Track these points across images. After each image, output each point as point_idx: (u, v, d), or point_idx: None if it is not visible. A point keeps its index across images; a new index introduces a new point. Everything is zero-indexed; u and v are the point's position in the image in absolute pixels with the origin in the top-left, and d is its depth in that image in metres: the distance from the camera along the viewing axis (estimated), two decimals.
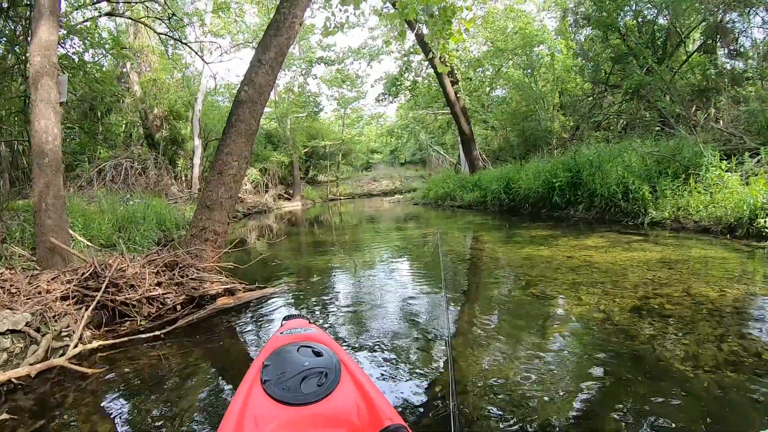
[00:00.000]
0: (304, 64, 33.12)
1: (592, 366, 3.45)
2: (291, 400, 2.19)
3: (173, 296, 5.17)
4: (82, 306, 4.69)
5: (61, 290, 4.70)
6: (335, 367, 2.43)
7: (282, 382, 2.30)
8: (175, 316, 5.03)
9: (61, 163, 5.60)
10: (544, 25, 25.20)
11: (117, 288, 4.92)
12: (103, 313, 4.82)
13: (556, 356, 3.66)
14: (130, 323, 4.89)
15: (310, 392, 2.23)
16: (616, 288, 5.32)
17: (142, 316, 4.86)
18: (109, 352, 4.30)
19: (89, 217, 9.58)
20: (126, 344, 4.42)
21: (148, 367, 3.98)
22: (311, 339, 2.82)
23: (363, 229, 15.72)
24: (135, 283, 5.03)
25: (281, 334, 2.96)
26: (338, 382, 2.32)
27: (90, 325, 4.64)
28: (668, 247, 7.47)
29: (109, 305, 4.84)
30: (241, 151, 6.61)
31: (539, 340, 4.05)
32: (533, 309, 4.93)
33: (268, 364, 2.47)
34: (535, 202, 14.17)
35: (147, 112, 22.40)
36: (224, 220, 6.56)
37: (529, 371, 3.40)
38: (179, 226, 13.25)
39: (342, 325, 4.91)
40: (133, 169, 19.21)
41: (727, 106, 14.05)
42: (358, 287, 6.65)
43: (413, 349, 4.10)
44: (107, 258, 5.36)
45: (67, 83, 7.01)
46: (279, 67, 6.93)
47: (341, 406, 2.18)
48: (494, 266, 7.39)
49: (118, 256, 5.42)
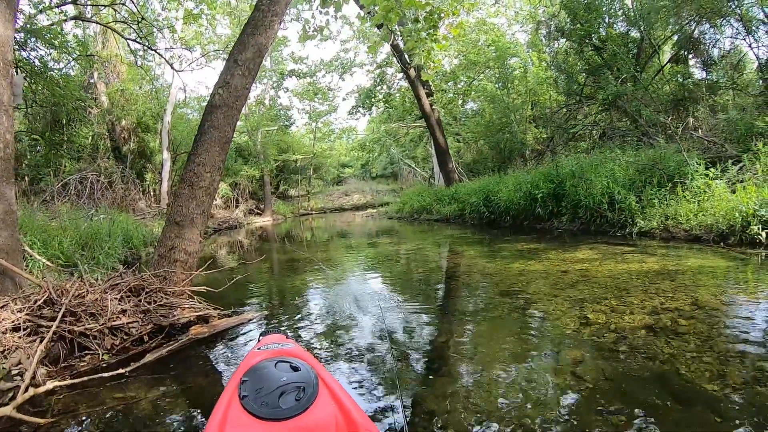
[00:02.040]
0: (275, 76, 32.64)
1: (618, 394, 3.12)
2: (269, 415, 2.17)
3: (139, 325, 4.58)
4: (35, 338, 4.10)
5: (11, 320, 4.10)
6: (313, 381, 2.42)
7: (260, 397, 2.28)
8: (142, 349, 4.45)
9: (13, 174, 5.00)
10: (516, 39, 25.30)
11: (75, 317, 4.34)
12: (61, 346, 4.22)
13: (575, 387, 3.28)
14: (91, 357, 4.27)
15: (288, 407, 2.21)
16: (622, 304, 5.04)
17: (104, 350, 4.26)
18: (66, 394, 3.72)
19: (50, 233, 8.91)
20: (86, 383, 3.83)
21: (111, 413, 3.40)
22: (288, 354, 2.82)
23: (338, 246, 15.21)
24: (96, 311, 4.45)
25: (258, 349, 2.94)
26: (316, 396, 2.31)
27: (45, 360, 4.05)
28: (663, 258, 7.35)
29: (67, 337, 4.24)
30: (215, 161, 5.97)
31: (552, 366, 3.67)
32: (539, 332, 4.56)
33: (246, 380, 2.45)
34: (517, 214, 13.96)
35: (114, 123, 21.78)
36: (196, 238, 5.89)
37: (546, 405, 3.05)
38: (147, 243, 12.72)
39: (322, 344, 4.69)
40: (99, 183, 18.52)
41: (704, 115, 14.04)
42: (338, 308, 6.15)
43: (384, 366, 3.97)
44: (64, 282, 4.76)
45: (23, 86, 6.42)
46: (257, 70, 6.34)
47: (320, 420, 2.17)
48: (487, 283, 6.94)
49: (76, 280, 4.82)
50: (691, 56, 16.53)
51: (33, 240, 8.05)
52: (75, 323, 4.30)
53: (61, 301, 4.32)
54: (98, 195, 18.01)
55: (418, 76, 20.54)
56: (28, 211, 11.22)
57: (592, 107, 18.63)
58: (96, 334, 4.32)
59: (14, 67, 6.16)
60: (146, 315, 4.73)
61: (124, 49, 21.80)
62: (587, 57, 17.91)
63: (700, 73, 16.21)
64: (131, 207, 19.32)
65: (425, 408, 3.19)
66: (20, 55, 11.61)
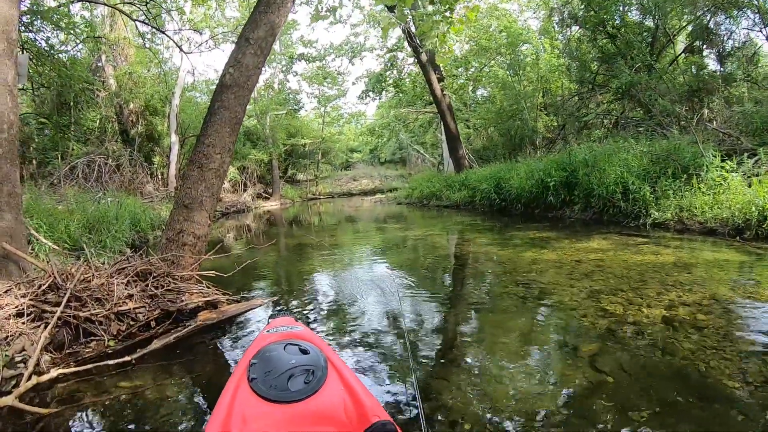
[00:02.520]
0: (284, 60, 32.37)
1: (637, 389, 3.06)
2: (278, 397, 2.19)
3: (146, 311, 4.45)
4: (40, 324, 3.98)
5: (14, 306, 3.98)
6: (322, 364, 2.44)
7: (269, 380, 2.30)
8: (149, 335, 4.32)
9: (18, 156, 4.87)
10: (528, 25, 25.01)
11: (80, 302, 4.21)
12: (65, 332, 4.10)
13: (593, 380, 3.21)
14: (96, 343, 4.14)
15: (297, 390, 2.23)
16: (638, 296, 4.93)
17: (110, 336, 4.14)
18: (71, 382, 3.61)
19: (57, 217, 8.80)
20: (91, 371, 3.72)
21: (116, 402, 3.30)
22: (298, 337, 2.82)
23: (347, 231, 15.10)
24: (102, 296, 4.32)
25: (267, 332, 2.96)
26: (325, 380, 2.33)
27: (50, 347, 3.94)
28: (678, 250, 7.23)
29: (72, 322, 4.11)
30: (225, 142, 5.80)
31: (570, 358, 3.61)
32: (555, 323, 4.47)
33: (255, 363, 2.46)
34: (528, 202, 13.80)
35: (122, 106, 21.61)
36: (205, 221, 5.74)
37: (563, 398, 3.02)
38: (155, 226, 12.62)
39: (332, 330, 4.69)
40: (107, 167, 18.44)
41: (719, 107, 13.87)
42: (348, 294, 6.07)
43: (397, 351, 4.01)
44: (69, 266, 4.63)
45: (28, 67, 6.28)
46: (269, 49, 6.13)
47: (328, 404, 2.18)
48: (500, 271, 6.83)
49: (82, 264, 4.68)
50: (705, 47, 16.22)
51: (39, 223, 7.93)
52: (80, 308, 4.17)
53: (66, 286, 4.19)
54: (106, 178, 17.93)
55: (430, 60, 20.34)
56: (35, 194, 11.11)
57: (604, 96, 18.39)
58: (102, 320, 4.20)
59: (19, 47, 6.02)
60: (153, 300, 4.60)
61: (132, 32, 21.52)
62: (601, 45, 17.62)
63: (715, 65, 15.94)
64: (139, 190, 19.19)
65: (437, 396, 3.11)
66: (26, 36, 11.46)
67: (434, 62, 20.52)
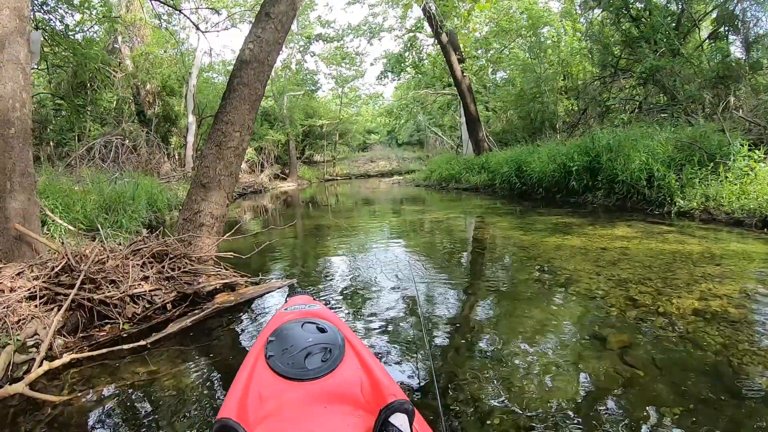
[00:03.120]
0: (302, 40, 32.14)
1: (669, 384, 2.92)
2: (295, 375, 2.17)
3: (162, 293, 4.32)
4: (53, 307, 3.87)
5: (27, 288, 3.87)
6: (339, 343, 2.41)
7: (286, 357, 2.29)
8: (165, 318, 4.20)
9: (31, 135, 4.74)
10: (548, 7, 24.60)
11: (95, 284, 4.08)
12: (80, 315, 3.98)
13: (624, 373, 3.08)
14: (111, 327, 4.03)
15: (314, 368, 2.21)
16: (668, 286, 4.75)
17: (125, 319, 4.01)
18: (84, 367, 3.49)
19: (72, 197, 8.70)
20: (105, 355, 3.60)
21: (130, 389, 3.17)
22: (315, 315, 2.79)
23: (365, 213, 14.97)
24: (116, 278, 4.18)
25: (285, 310, 2.93)
26: (342, 358, 2.30)
27: (63, 330, 3.83)
28: (705, 240, 6.93)
29: (86, 305, 3.99)
30: (244, 119, 5.63)
31: (599, 350, 3.47)
32: (582, 312, 4.29)
33: (272, 340, 2.45)
34: (550, 186, 13.58)
35: (139, 87, 21.61)
36: (223, 201, 5.60)
37: (593, 392, 2.90)
38: (172, 206, 12.62)
39: (351, 313, 4.60)
40: (123, 147, 18.40)
41: (746, 95, 13.48)
42: (368, 278, 5.91)
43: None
44: (83, 248, 4.50)
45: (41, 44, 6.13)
46: (290, 24, 5.94)
47: (345, 382, 2.15)
48: (524, 257, 6.64)
49: (96, 245, 4.55)
50: (730, 33, 15.74)
51: (55, 204, 7.85)
52: (94, 291, 4.05)
53: (80, 268, 4.06)
54: (123, 159, 17.92)
55: (451, 41, 20.08)
56: (52, 175, 11.03)
57: (628, 80, 17.99)
58: (117, 303, 4.07)
59: (33, 25, 5.88)
60: (170, 282, 4.48)
61: (148, 13, 21.52)
62: (624, 28, 17.24)
63: (740, 52, 15.34)
64: (156, 170, 19.18)
65: (458, 385, 3.01)
66: (41, 17, 11.34)
67: (455, 43, 20.26)
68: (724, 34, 15.75)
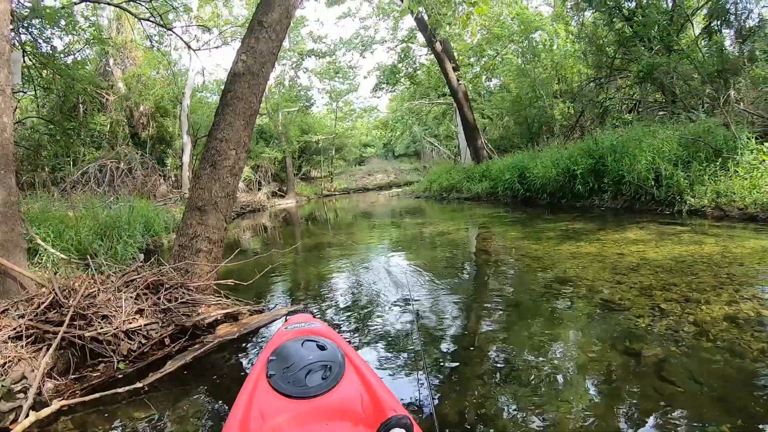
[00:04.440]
0: (294, 56, 32.00)
1: (713, 400, 2.75)
2: (296, 393, 2.21)
3: (159, 327, 4.00)
4: (41, 347, 3.56)
5: (12, 327, 3.57)
6: (339, 360, 2.45)
7: (287, 376, 2.32)
8: (163, 354, 3.88)
9: (13, 161, 4.43)
10: (539, 12, 24.64)
11: (86, 320, 3.78)
12: (71, 354, 3.68)
13: (663, 391, 2.86)
14: (105, 366, 3.71)
15: (314, 385, 2.24)
16: (694, 291, 4.53)
17: (119, 357, 3.70)
18: (78, 414, 3.17)
19: (66, 224, 8.40)
20: (100, 399, 3.29)
21: None
22: (315, 333, 2.84)
23: (365, 228, 14.69)
24: (109, 313, 3.88)
25: (285, 328, 2.97)
26: (342, 375, 2.33)
27: (53, 371, 3.53)
28: (721, 239, 6.71)
29: (77, 343, 3.69)
30: (239, 136, 5.35)
31: (633, 367, 3.23)
32: (609, 326, 4.01)
33: (273, 359, 2.49)
34: (554, 191, 13.33)
35: (132, 109, 21.44)
36: (220, 224, 5.30)
37: (633, 416, 2.69)
38: (170, 229, 12.34)
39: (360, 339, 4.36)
40: (118, 171, 18.21)
41: (745, 87, 13.29)
42: (379, 303, 5.53)
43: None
44: (72, 281, 4.19)
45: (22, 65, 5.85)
46: (284, 34, 5.66)
47: (345, 399, 2.19)
48: (538, 267, 6.34)
49: (86, 277, 4.24)
50: (723, 27, 15.57)
51: (47, 232, 7.56)
52: (85, 327, 3.74)
53: (69, 303, 3.76)
54: (118, 182, 17.71)
55: (444, 49, 19.92)
56: (45, 201, 10.73)
57: (624, 80, 18.02)
58: (110, 339, 3.76)
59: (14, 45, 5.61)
60: (166, 315, 4.15)
61: (139, 35, 21.49)
62: (617, 28, 17.16)
63: (734, 45, 15.31)
64: (152, 193, 19.00)
65: (482, 410, 2.85)
66: (26, 38, 11.10)
67: (449, 51, 20.12)
68: (717, 29, 15.60)
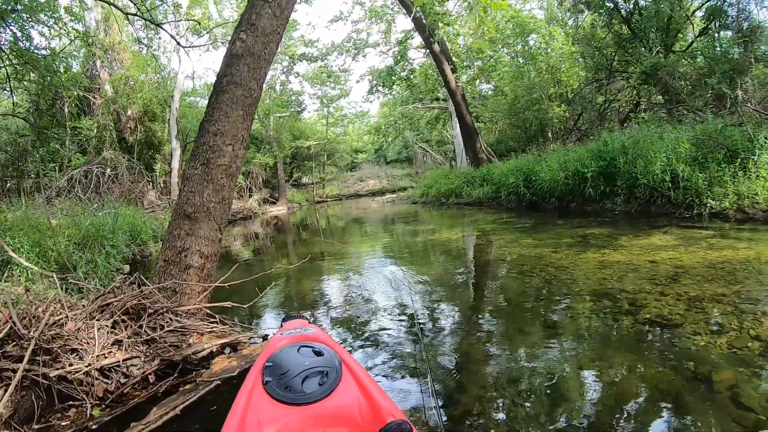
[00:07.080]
0: (286, 60, 31.57)
1: None
2: (293, 400, 2.18)
3: (141, 362, 3.29)
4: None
5: None
6: (336, 365, 2.42)
7: (283, 382, 2.29)
8: (147, 395, 3.15)
9: None
10: (533, 15, 24.57)
11: (51, 355, 3.10)
12: (35, 396, 2.99)
13: (741, 422, 2.53)
14: (77, 410, 3.02)
15: (311, 392, 2.21)
16: (745, 302, 4.20)
17: (93, 400, 3.01)
18: None
19: (44, 233, 7.70)
20: None
21: None
22: (311, 339, 2.81)
23: (363, 235, 14.25)
24: (79, 346, 3.18)
25: (281, 334, 2.93)
26: (339, 381, 2.31)
27: (12, 419, 2.84)
28: (754, 243, 6.43)
29: (42, 383, 3.00)
30: (237, 129, 4.56)
31: (706, 395, 2.85)
32: (667, 347, 3.55)
33: (269, 365, 2.45)
34: (563, 195, 12.84)
35: (120, 113, 20.91)
36: (214, 235, 4.55)
37: None
38: (158, 237, 11.74)
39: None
40: (105, 176, 17.60)
41: (752, 87, 13.27)
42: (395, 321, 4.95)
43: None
44: (34, 307, 3.45)
45: None
46: (290, 10, 4.85)
47: (343, 405, 2.17)
48: (567, 279, 5.70)
49: (51, 302, 3.50)
50: (721, 29, 15.70)
51: (22, 243, 6.88)
52: (51, 364, 3.06)
53: (29, 335, 3.07)
54: (104, 189, 17.08)
55: (443, 50, 19.53)
56: (26, 208, 10.00)
57: (624, 81, 17.92)
58: (82, 378, 3.08)
59: None
60: (150, 347, 3.43)
61: (127, 36, 21.16)
62: (616, 30, 17.17)
63: (737, 45, 15.19)
64: (140, 200, 18.43)
65: None
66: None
67: (447, 53, 19.71)
68: (715, 30, 15.78)
